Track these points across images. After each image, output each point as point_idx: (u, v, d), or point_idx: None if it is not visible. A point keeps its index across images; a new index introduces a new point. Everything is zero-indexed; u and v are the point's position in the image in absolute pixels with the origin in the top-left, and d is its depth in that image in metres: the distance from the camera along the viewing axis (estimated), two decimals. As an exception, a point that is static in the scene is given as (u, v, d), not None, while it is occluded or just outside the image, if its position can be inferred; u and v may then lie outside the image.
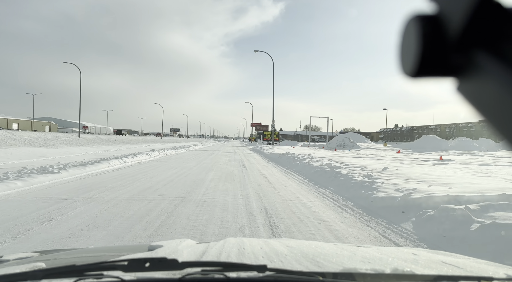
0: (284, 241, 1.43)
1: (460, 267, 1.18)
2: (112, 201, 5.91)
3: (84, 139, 29.97)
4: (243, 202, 6.23)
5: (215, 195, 6.89)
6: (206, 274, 0.95)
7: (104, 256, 1.36)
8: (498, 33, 0.33)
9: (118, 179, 8.87)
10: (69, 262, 1.20)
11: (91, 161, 11.98)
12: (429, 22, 0.36)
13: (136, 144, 38.20)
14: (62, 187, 7.29)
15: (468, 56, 0.35)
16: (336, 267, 1.10)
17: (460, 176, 8.59)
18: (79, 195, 6.43)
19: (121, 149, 27.29)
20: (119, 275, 0.93)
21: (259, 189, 7.83)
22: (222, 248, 1.24)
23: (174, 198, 6.39)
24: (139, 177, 9.54)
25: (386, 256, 1.28)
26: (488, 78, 0.33)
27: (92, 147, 26.61)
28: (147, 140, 49.78)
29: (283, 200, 6.51)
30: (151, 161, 15.66)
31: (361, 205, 6.07)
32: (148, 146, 32.68)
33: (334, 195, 7.29)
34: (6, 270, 1.04)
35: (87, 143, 28.58)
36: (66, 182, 8.06)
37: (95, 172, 10.25)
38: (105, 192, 6.78)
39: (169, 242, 1.27)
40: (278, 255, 1.18)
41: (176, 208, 5.50)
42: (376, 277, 1.04)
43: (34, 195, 6.38)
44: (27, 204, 5.52)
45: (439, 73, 0.36)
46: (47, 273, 0.97)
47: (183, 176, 9.92)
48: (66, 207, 5.35)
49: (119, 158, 14.13)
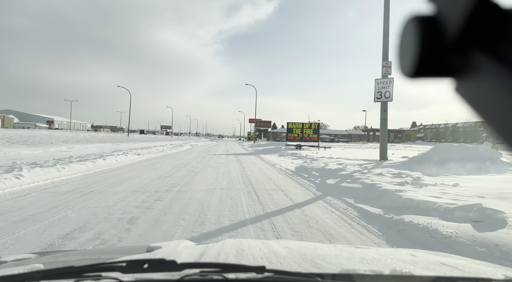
0: (282, 242, 1.43)
1: (458, 268, 1.18)
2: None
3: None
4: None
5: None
6: (204, 276, 0.95)
7: (103, 257, 1.36)
8: (496, 34, 0.33)
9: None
10: (67, 264, 1.20)
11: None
12: (428, 22, 0.36)
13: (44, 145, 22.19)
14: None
15: (466, 57, 0.35)
16: (335, 268, 1.10)
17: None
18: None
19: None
20: (117, 276, 0.93)
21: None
22: (220, 249, 1.24)
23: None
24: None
25: (385, 257, 1.28)
26: (486, 78, 0.33)
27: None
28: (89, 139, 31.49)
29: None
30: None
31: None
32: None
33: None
34: (4, 271, 1.03)
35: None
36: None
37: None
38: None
39: (168, 243, 1.27)
40: (277, 256, 1.18)
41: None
42: (374, 278, 1.04)
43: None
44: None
45: (437, 74, 0.36)
46: (45, 274, 0.96)
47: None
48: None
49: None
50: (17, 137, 22.01)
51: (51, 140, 24.57)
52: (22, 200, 5.83)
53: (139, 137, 50.61)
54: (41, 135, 25.34)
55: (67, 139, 26.93)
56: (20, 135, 22.95)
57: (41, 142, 23.06)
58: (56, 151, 18.64)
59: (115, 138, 38.49)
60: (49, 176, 8.45)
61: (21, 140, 21.49)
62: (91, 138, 32.10)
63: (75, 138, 28.57)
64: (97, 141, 31.70)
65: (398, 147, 41.53)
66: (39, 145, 21.82)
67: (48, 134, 27.10)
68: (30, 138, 22.92)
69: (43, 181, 7.90)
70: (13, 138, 21.16)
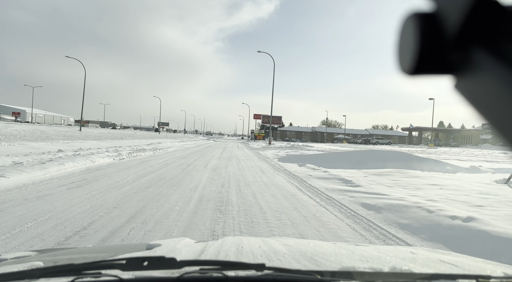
0: (282, 240, 1.43)
1: (458, 266, 1.18)
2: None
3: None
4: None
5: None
6: (204, 273, 0.95)
7: (102, 255, 1.36)
8: (496, 31, 0.33)
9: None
10: (67, 261, 1.20)
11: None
12: (427, 20, 0.36)
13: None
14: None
15: (466, 54, 0.35)
16: (335, 265, 1.11)
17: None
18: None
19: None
20: (117, 274, 0.93)
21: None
22: (220, 247, 1.24)
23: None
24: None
25: (385, 254, 1.29)
26: (486, 76, 0.33)
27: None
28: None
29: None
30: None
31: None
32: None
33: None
34: (3, 269, 1.03)
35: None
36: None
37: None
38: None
39: (167, 241, 1.27)
40: (277, 254, 1.18)
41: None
42: (374, 275, 1.04)
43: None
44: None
45: (437, 71, 0.36)
46: (45, 272, 0.97)
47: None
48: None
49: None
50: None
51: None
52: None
53: (98, 133, 35.94)
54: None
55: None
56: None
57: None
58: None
59: (45, 134, 26.05)
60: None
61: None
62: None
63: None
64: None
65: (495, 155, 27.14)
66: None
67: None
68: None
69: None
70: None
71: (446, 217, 4.63)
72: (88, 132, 35.67)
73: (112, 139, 30.78)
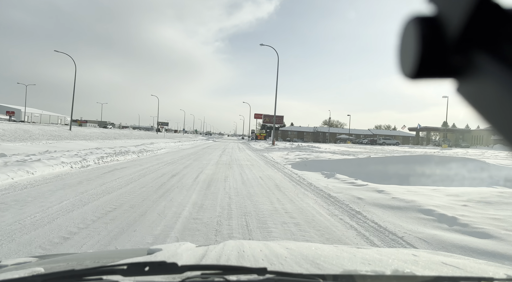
0: (283, 243, 1.42)
1: (460, 268, 1.17)
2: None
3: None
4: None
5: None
6: (206, 278, 0.95)
7: (103, 260, 1.36)
8: (497, 34, 0.33)
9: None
10: (68, 267, 1.20)
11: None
12: (428, 23, 0.36)
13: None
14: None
15: (468, 57, 0.35)
16: (336, 269, 1.10)
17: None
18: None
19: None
20: (118, 279, 0.92)
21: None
22: (221, 251, 1.24)
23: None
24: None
25: (386, 257, 1.28)
26: (487, 79, 0.33)
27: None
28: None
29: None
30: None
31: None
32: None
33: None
34: (4, 275, 1.03)
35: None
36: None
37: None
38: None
39: (169, 246, 1.27)
40: (278, 258, 1.18)
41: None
42: (376, 278, 1.04)
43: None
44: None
45: (439, 75, 0.36)
46: (46, 278, 0.96)
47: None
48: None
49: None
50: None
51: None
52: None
53: (90, 133, 33.89)
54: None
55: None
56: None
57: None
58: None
59: (28, 133, 24.23)
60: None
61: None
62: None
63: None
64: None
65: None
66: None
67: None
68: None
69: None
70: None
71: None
72: (79, 131, 33.14)
73: (104, 139, 28.71)
